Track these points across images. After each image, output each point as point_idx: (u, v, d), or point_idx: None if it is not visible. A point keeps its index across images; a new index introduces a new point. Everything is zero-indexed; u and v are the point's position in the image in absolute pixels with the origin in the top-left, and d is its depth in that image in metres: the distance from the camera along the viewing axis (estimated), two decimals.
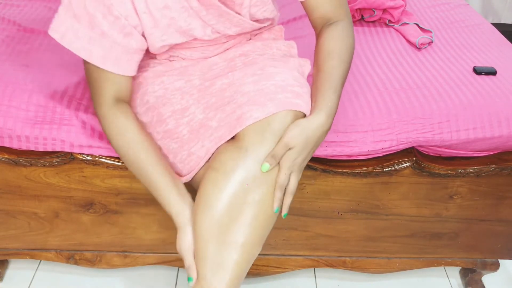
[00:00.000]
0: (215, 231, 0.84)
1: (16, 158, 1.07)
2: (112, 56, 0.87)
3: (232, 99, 0.89)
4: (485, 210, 1.20)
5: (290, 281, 1.40)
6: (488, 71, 1.21)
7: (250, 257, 0.87)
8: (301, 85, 0.89)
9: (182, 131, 0.93)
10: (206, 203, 0.85)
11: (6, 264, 1.39)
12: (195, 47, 0.99)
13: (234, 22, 0.94)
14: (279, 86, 0.87)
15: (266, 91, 0.86)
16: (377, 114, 1.09)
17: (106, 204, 1.15)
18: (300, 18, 1.50)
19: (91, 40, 0.85)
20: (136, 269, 1.40)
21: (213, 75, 0.97)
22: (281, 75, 0.90)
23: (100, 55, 0.87)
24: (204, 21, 0.91)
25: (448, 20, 1.49)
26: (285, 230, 1.22)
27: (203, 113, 0.92)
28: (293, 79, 0.90)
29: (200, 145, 0.90)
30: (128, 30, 0.87)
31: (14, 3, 1.44)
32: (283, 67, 0.92)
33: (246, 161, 0.83)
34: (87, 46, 0.86)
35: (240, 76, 0.92)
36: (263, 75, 0.90)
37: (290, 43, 1.04)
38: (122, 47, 0.88)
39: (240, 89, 0.89)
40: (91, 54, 0.86)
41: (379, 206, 1.18)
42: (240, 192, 0.84)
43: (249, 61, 0.97)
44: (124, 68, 0.90)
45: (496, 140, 1.11)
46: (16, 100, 1.05)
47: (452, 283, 1.44)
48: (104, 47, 0.86)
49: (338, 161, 1.11)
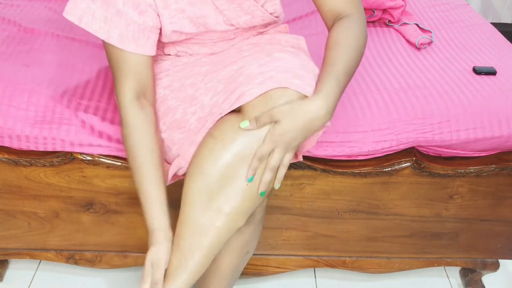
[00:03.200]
0: (204, 196, 0.85)
1: (16, 158, 1.07)
2: (129, 35, 0.87)
3: (236, 80, 0.89)
4: (485, 210, 1.20)
5: (290, 281, 1.40)
6: (488, 71, 1.21)
7: (231, 227, 0.88)
8: (307, 70, 0.88)
9: (190, 120, 0.93)
10: (199, 169, 0.86)
11: (6, 264, 1.39)
12: (204, 42, 0.99)
13: (245, 9, 0.94)
14: (283, 67, 0.86)
15: (269, 72, 0.86)
16: (377, 114, 1.09)
17: (106, 204, 1.15)
18: (300, 18, 1.50)
19: (107, 20, 0.86)
20: (136, 269, 1.40)
21: (222, 63, 0.97)
22: (288, 60, 0.89)
23: (117, 34, 0.87)
24: (216, 5, 0.92)
25: (448, 20, 1.49)
26: (285, 230, 1.22)
27: (211, 100, 0.92)
28: (300, 65, 0.89)
29: (204, 131, 0.91)
30: (143, 8, 0.87)
31: (14, 3, 1.44)
32: (291, 57, 0.92)
33: (246, 134, 0.84)
34: (104, 26, 0.86)
35: (248, 61, 0.92)
36: (269, 60, 0.90)
37: (298, 37, 1.03)
38: (138, 25, 0.88)
39: (245, 72, 0.89)
40: (109, 35, 0.87)
41: (379, 206, 1.18)
42: (235, 163, 0.84)
43: (258, 48, 0.97)
44: (143, 47, 0.90)
45: (496, 140, 1.11)
46: (16, 100, 1.05)
47: (452, 283, 1.44)
48: (121, 26, 0.86)
49: (338, 161, 1.11)
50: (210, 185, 0.85)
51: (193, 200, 0.86)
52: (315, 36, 1.39)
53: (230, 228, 0.88)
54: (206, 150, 0.86)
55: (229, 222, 0.87)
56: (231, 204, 0.86)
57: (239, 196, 0.86)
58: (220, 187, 0.85)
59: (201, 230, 0.86)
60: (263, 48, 0.96)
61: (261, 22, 0.99)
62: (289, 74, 0.84)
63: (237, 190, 0.85)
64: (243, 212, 0.88)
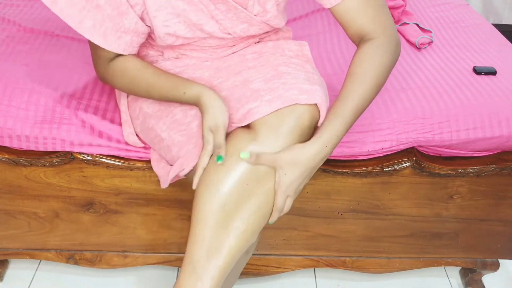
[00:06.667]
0: (219, 215, 0.84)
1: (16, 158, 1.07)
2: (101, 30, 0.87)
3: (242, 95, 0.89)
4: (485, 210, 1.20)
5: (290, 281, 1.40)
6: (488, 71, 1.21)
7: (245, 245, 0.87)
8: (312, 83, 0.88)
9: (190, 124, 0.92)
10: (214, 186, 0.84)
11: (6, 264, 1.39)
12: (203, 48, 0.99)
13: (241, 18, 0.93)
14: (289, 84, 0.87)
15: (276, 90, 0.86)
16: (377, 114, 1.09)
17: (106, 204, 1.15)
18: (300, 18, 1.50)
19: (84, 10, 0.85)
20: (136, 269, 1.40)
21: (226, 71, 0.97)
22: (293, 74, 0.89)
23: (89, 26, 0.87)
24: (212, 15, 0.92)
25: (448, 20, 1.49)
26: (285, 230, 1.22)
27: None
28: (305, 78, 0.89)
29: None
30: (124, 9, 0.87)
31: (14, 3, 1.44)
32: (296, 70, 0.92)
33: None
34: (78, 14, 0.86)
35: (253, 74, 0.92)
36: (275, 75, 0.90)
37: (301, 42, 1.02)
38: (113, 24, 0.87)
39: (251, 87, 0.89)
40: (81, 24, 0.86)
41: (379, 206, 1.18)
42: (251, 180, 0.84)
43: (262, 59, 0.97)
44: (111, 44, 0.90)
45: (496, 140, 1.11)
46: (16, 100, 1.05)
47: (452, 283, 1.44)
48: (96, 20, 0.86)
49: (338, 161, 1.11)
50: (226, 203, 0.84)
51: (208, 219, 0.84)
52: (315, 36, 1.39)
53: (244, 246, 0.87)
54: (221, 167, 0.84)
55: (243, 241, 0.86)
56: (245, 222, 0.85)
57: (253, 214, 0.85)
58: (236, 205, 0.84)
59: (216, 251, 0.85)
60: (267, 60, 0.96)
61: (259, 31, 0.98)
62: (296, 91, 0.85)
63: (252, 208, 0.85)
64: (256, 230, 0.87)
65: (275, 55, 0.98)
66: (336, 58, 1.28)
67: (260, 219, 0.87)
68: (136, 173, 1.10)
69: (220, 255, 0.84)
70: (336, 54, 1.30)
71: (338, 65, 1.25)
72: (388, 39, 0.91)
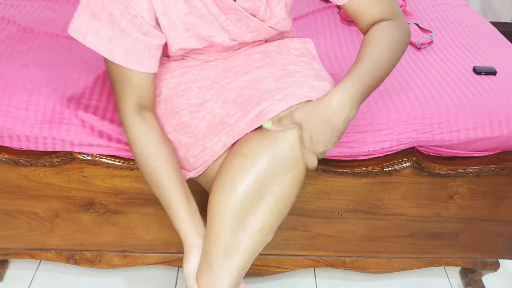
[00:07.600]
0: (236, 215, 0.84)
1: (16, 158, 1.07)
2: (134, 53, 0.87)
3: (253, 95, 0.89)
4: (485, 210, 1.20)
5: (290, 281, 1.40)
6: (488, 71, 1.21)
7: (262, 243, 0.88)
8: (321, 79, 0.89)
9: (198, 126, 0.92)
10: (230, 187, 0.84)
11: (6, 264, 1.39)
12: (209, 52, 0.99)
13: (251, 27, 0.93)
14: (299, 82, 0.87)
15: (287, 88, 0.86)
16: (377, 114, 1.09)
17: (106, 204, 1.15)
18: (300, 18, 1.50)
19: (112, 40, 0.85)
20: (136, 269, 1.40)
21: (233, 71, 0.97)
22: (302, 72, 0.90)
23: (122, 53, 0.86)
24: (222, 26, 0.91)
25: (448, 20, 1.49)
26: (285, 230, 1.22)
27: (221, 108, 0.91)
28: (314, 75, 0.89)
29: (216, 140, 0.90)
30: (146, 29, 0.86)
31: (14, 3, 1.44)
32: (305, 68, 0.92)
33: (277, 148, 0.84)
34: (109, 45, 0.85)
35: (262, 73, 0.93)
36: (284, 74, 0.90)
37: (306, 40, 1.02)
38: (143, 45, 0.87)
39: (261, 87, 0.89)
40: (113, 54, 0.86)
41: (379, 206, 1.18)
42: (267, 179, 0.84)
43: (269, 58, 0.97)
44: (148, 65, 0.89)
45: (496, 140, 1.11)
46: (16, 100, 1.05)
47: (452, 283, 1.44)
48: (126, 45, 0.86)
49: (338, 161, 1.11)
50: (243, 203, 0.84)
51: (225, 219, 0.85)
52: (315, 36, 1.39)
53: (261, 245, 0.88)
54: (236, 168, 0.85)
55: (260, 240, 0.87)
56: (262, 221, 0.86)
57: (269, 212, 0.86)
58: (252, 205, 0.85)
59: (234, 250, 0.86)
60: (274, 59, 0.96)
61: (266, 37, 0.99)
62: (307, 89, 0.86)
63: (268, 207, 0.86)
64: (272, 228, 0.88)
65: (281, 54, 0.98)
66: (336, 58, 1.28)
67: (277, 216, 0.87)
68: (136, 173, 1.10)
69: (237, 254, 0.86)
70: (336, 54, 1.30)
71: (338, 65, 1.25)
72: (400, 22, 0.92)
